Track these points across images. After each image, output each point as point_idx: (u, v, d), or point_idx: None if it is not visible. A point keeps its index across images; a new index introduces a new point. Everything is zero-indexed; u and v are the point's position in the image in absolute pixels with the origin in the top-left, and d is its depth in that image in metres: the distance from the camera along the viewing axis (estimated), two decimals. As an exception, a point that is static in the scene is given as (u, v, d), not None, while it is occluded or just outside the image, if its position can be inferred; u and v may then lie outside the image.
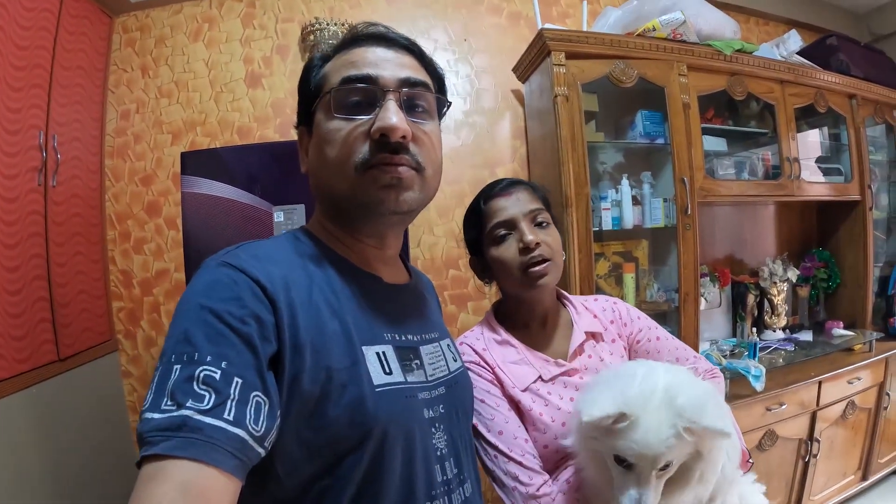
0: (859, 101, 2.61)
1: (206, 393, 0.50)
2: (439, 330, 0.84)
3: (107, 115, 2.15)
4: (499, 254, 0.97)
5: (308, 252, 0.70)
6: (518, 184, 1.02)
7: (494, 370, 0.96)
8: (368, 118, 0.67)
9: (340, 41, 0.75)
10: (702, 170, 2.09)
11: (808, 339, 2.52)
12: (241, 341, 0.54)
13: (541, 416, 0.92)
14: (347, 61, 0.70)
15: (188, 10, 2.22)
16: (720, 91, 2.18)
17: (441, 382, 0.74)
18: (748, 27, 2.86)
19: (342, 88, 0.67)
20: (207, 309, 0.54)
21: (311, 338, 0.60)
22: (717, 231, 2.64)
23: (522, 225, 0.96)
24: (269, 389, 0.55)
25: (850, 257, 2.73)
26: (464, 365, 0.87)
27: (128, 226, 2.15)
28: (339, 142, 0.67)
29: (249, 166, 2.02)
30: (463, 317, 2.27)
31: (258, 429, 0.52)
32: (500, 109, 2.37)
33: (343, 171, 0.67)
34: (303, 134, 0.76)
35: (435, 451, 0.69)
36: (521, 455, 0.88)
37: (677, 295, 2.03)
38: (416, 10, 2.33)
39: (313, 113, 0.72)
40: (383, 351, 0.67)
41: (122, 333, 2.13)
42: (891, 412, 2.54)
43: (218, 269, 0.59)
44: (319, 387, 0.59)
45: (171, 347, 0.53)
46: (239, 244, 0.65)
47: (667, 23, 2.02)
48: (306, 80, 0.74)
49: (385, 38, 0.72)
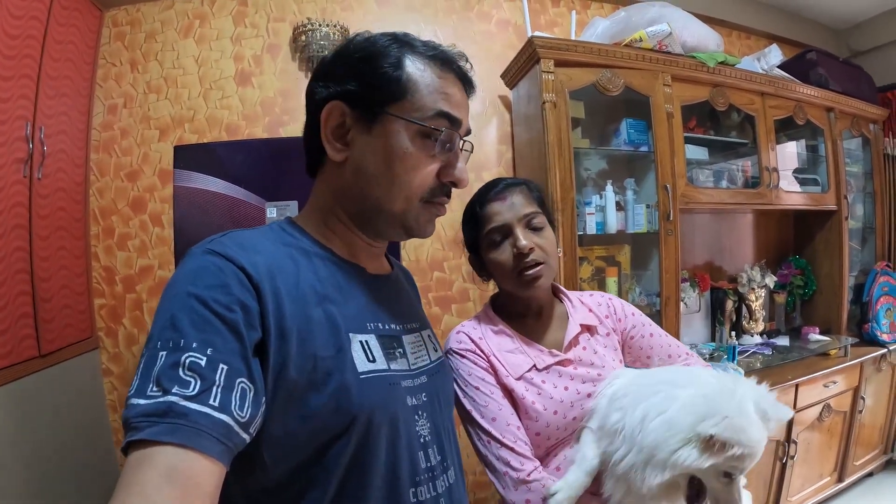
0: (837, 115, 2.70)
1: (192, 379, 0.50)
2: (420, 321, 0.86)
3: (94, 108, 2.12)
4: (494, 257, 1.01)
5: (293, 242, 0.70)
6: (514, 186, 1.03)
7: (489, 358, 0.99)
8: (444, 161, 0.72)
9: (419, 42, 0.72)
10: (684, 177, 2.14)
11: (785, 344, 2.58)
12: (226, 328, 0.54)
13: (533, 404, 0.95)
14: (440, 89, 0.70)
15: (179, 6, 2.20)
16: (703, 101, 2.24)
17: (423, 371, 0.76)
18: (731, 40, 2.93)
19: (438, 122, 0.69)
20: (194, 296, 0.55)
21: (297, 325, 0.60)
22: (697, 238, 2.69)
23: (517, 231, 0.98)
24: (255, 376, 0.55)
25: (825, 265, 2.81)
26: (444, 355, 0.90)
27: (112, 221, 2.12)
28: (418, 170, 0.70)
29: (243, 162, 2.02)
30: (447, 318, 2.28)
31: (243, 415, 0.53)
32: (488, 114, 2.40)
33: (407, 196, 0.70)
34: (342, 113, 0.69)
35: (418, 438, 0.71)
36: (513, 441, 0.92)
37: (658, 299, 2.08)
38: (406, 13, 2.34)
39: (384, 113, 0.68)
40: (367, 339, 0.68)
41: (104, 331, 2.10)
42: (865, 415, 2.61)
43: (204, 256, 0.59)
44: (305, 375, 0.60)
45: (158, 334, 0.54)
46: (225, 232, 0.65)
47: (653, 34, 2.07)
48: (374, 63, 0.68)
49: (469, 80, 0.76)
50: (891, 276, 2.89)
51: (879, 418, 2.78)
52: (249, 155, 1.91)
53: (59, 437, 1.79)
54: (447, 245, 2.27)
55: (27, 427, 1.65)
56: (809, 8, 3.09)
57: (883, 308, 2.78)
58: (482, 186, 1.07)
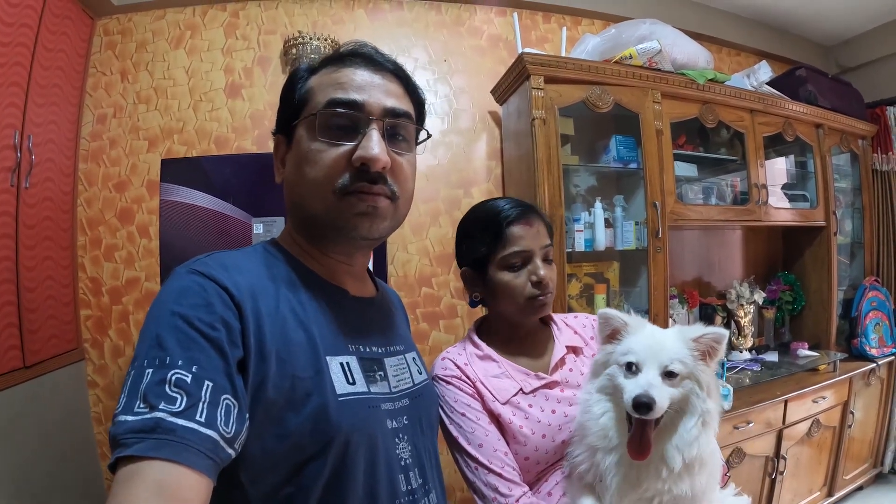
0: (826, 131, 2.72)
1: (178, 395, 0.51)
2: (405, 343, 0.86)
3: (83, 118, 2.11)
4: (509, 280, 1.00)
5: (276, 264, 0.72)
6: (536, 213, 1.04)
7: (475, 384, 0.98)
8: (351, 144, 0.69)
9: (329, 56, 0.76)
10: (673, 194, 2.15)
11: (774, 360, 2.59)
12: (210, 346, 0.56)
13: (521, 428, 0.95)
14: (335, 81, 0.71)
15: (171, 17, 2.21)
16: (692, 118, 2.25)
17: (405, 394, 0.76)
18: (720, 57, 2.95)
19: (327, 111, 0.69)
20: (178, 315, 0.56)
21: (277, 347, 0.61)
22: (686, 254, 2.70)
23: (537, 260, 0.99)
24: (238, 393, 0.56)
25: (814, 281, 2.82)
26: (430, 378, 0.89)
27: (99, 232, 2.11)
28: (321, 164, 0.68)
29: (230, 177, 2.02)
30: (435, 335, 2.27)
31: (228, 430, 0.54)
32: (477, 130, 2.40)
33: (321, 193, 0.69)
34: (280, 143, 0.77)
35: (399, 461, 0.71)
36: (500, 467, 0.91)
37: (647, 316, 2.06)
38: (397, 28, 2.35)
39: (294, 126, 0.72)
40: (347, 361, 0.69)
41: (90, 342, 2.09)
42: (855, 430, 2.62)
43: (188, 276, 0.61)
44: (283, 395, 0.60)
45: (144, 352, 0.55)
46: (209, 253, 0.67)
47: (643, 51, 2.08)
48: (290, 90, 0.74)
49: (373, 60, 0.74)
50: (879, 291, 2.91)
51: (869, 432, 2.79)
52: (237, 170, 1.91)
53: (43, 449, 1.77)
54: (435, 261, 2.27)
55: (11, 439, 1.63)
56: (798, 25, 3.13)
57: (872, 323, 2.80)
58: (497, 202, 1.05)
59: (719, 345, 0.82)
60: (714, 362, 0.83)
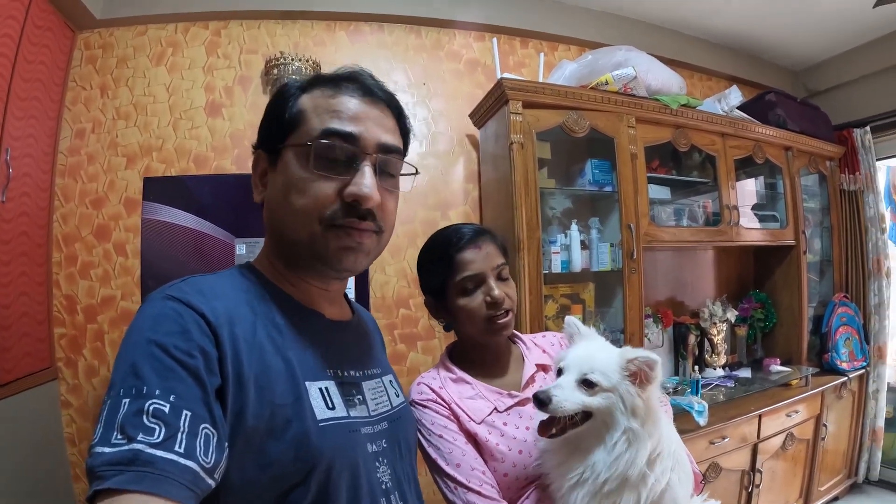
0: (795, 153, 2.81)
1: (157, 426, 0.50)
2: (382, 366, 0.86)
3: (61, 132, 2.08)
4: (465, 304, 1.03)
5: (253, 288, 0.71)
6: (484, 235, 1.06)
7: (451, 406, 1.00)
8: (343, 178, 0.68)
9: (322, 75, 0.74)
10: (647, 216, 2.20)
11: (748, 376, 2.64)
12: (188, 374, 0.55)
13: (497, 446, 0.97)
14: (330, 107, 0.70)
15: (153, 33, 2.19)
16: (665, 142, 2.32)
17: (384, 417, 0.76)
18: (693, 82, 3.03)
19: (322, 143, 0.67)
20: (154, 342, 0.55)
21: (255, 374, 0.61)
22: (660, 274, 2.76)
23: (490, 281, 1.02)
24: (217, 422, 0.56)
25: (785, 298, 2.90)
26: (407, 401, 0.90)
27: (75, 249, 2.08)
28: (310, 194, 0.68)
29: (213, 196, 2.00)
30: (412, 356, 2.28)
31: (208, 461, 0.53)
32: (455, 153, 2.43)
33: (307, 222, 0.68)
34: (261, 159, 0.74)
35: (380, 485, 0.70)
36: (479, 485, 0.93)
37: (623, 335, 2.12)
38: (378, 50, 2.37)
39: (281, 147, 0.70)
40: (326, 386, 0.68)
41: (63, 361, 2.05)
42: (829, 442, 2.69)
43: (164, 302, 0.60)
44: (263, 422, 0.60)
45: (120, 381, 0.53)
46: (184, 278, 0.66)
47: (619, 77, 2.14)
48: (279, 106, 0.72)
49: (369, 89, 0.73)
50: (849, 307, 3.00)
51: (842, 444, 2.87)
52: (220, 189, 1.90)
53: (15, 470, 1.73)
54: (413, 283, 2.27)
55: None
56: (768, 50, 3.23)
57: (842, 338, 2.88)
58: (446, 231, 1.08)
59: (651, 370, 0.84)
60: (650, 387, 0.85)
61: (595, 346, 0.93)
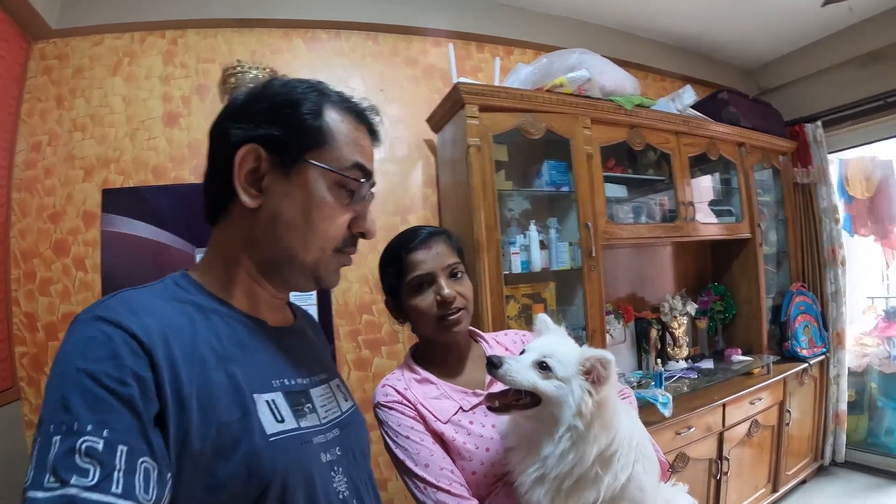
0: (748, 149, 2.91)
1: (91, 466, 0.48)
2: (328, 371, 0.84)
3: (17, 145, 2.04)
4: (417, 303, 1.05)
5: (189, 298, 0.67)
6: (436, 235, 1.09)
7: (416, 407, 1.02)
8: (353, 209, 0.73)
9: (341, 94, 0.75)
10: (604, 215, 2.25)
11: (710, 367, 2.72)
12: (121, 405, 0.51)
13: (465, 444, 0.99)
14: (356, 141, 0.73)
15: (109, 42, 2.16)
16: (621, 142, 2.37)
17: (335, 424, 0.75)
18: (647, 83, 3.09)
19: (353, 177, 0.71)
20: (84, 371, 0.52)
21: (196, 391, 0.58)
22: (620, 271, 2.81)
23: (441, 280, 1.04)
24: (157, 453, 0.53)
25: (743, 290, 3.00)
26: (356, 405, 0.90)
27: (33, 265, 2.04)
28: (335, 222, 0.71)
29: (172, 207, 1.99)
30: (377, 361, 2.28)
31: (149, 497, 0.50)
32: (413, 158, 2.44)
33: (323, 246, 0.71)
34: (257, 158, 0.68)
35: (337, 495, 0.69)
36: (448, 484, 0.95)
37: (585, 332, 2.16)
38: (335, 58, 2.38)
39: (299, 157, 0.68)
40: (273, 398, 0.66)
41: (25, 381, 2.00)
42: (793, 427, 2.79)
43: (91, 323, 0.56)
44: (210, 443, 0.57)
45: (49, 416, 0.50)
46: (113, 294, 0.62)
47: (573, 80, 2.19)
48: (292, 106, 0.68)
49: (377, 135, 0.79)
50: (806, 296, 3.11)
51: (807, 428, 2.97)
52: (178, 200, 1.89)
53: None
54: (375, 288, 2.27)
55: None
56: (721, 50, 3.33)
57: (801, 325, 2.99)
58: (403, 233, 1.11)
59: (605, 368, 0.87)
60: (604, 387, 0.88)
61: (560, 340, 0.96)
